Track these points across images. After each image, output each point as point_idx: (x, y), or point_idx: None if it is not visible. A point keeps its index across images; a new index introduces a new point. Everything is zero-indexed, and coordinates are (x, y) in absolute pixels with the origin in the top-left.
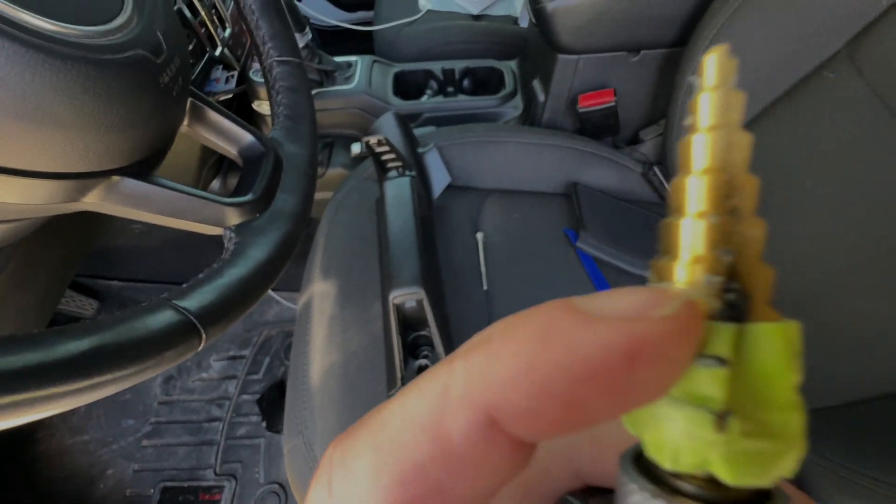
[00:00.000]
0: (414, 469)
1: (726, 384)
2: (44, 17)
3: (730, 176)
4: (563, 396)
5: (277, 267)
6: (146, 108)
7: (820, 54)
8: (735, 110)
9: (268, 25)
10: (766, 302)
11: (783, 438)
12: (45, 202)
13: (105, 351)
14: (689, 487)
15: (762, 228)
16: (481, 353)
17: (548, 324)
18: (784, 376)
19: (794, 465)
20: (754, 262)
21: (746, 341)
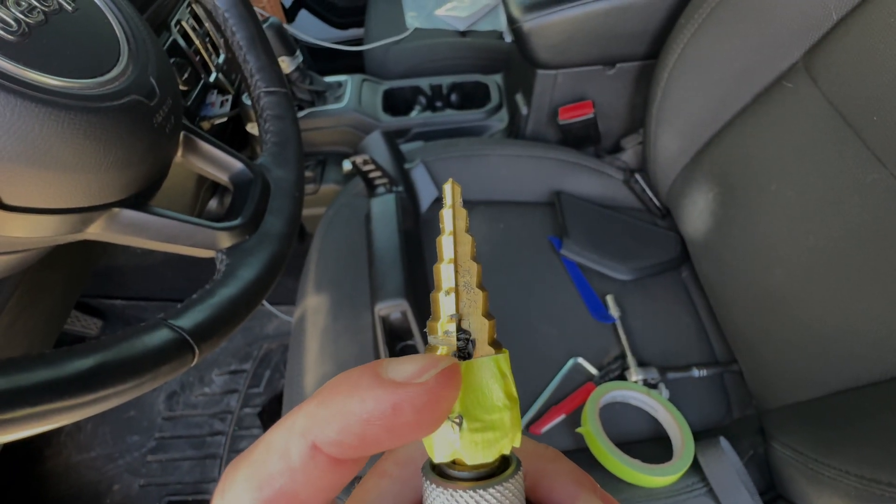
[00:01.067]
0: (268, 478)
1: (458, 399)
2: (49, 74)
3: (461, 262)
4: (357, 432)
5: (266, 285)
6: (142, 146)
7: (779, 66)
8: (462, 220)
9: (254, 59)
10: (489, 342)
11: (498, 429)
12: (52, 234)
13: (107, 367)
14: (454, 472)
15: (483, 295)
16: (314, 401)
17: (357, 382)
18: (495, 390)
19: (508, 444)
20: (478, 317)
21: (472, 370)
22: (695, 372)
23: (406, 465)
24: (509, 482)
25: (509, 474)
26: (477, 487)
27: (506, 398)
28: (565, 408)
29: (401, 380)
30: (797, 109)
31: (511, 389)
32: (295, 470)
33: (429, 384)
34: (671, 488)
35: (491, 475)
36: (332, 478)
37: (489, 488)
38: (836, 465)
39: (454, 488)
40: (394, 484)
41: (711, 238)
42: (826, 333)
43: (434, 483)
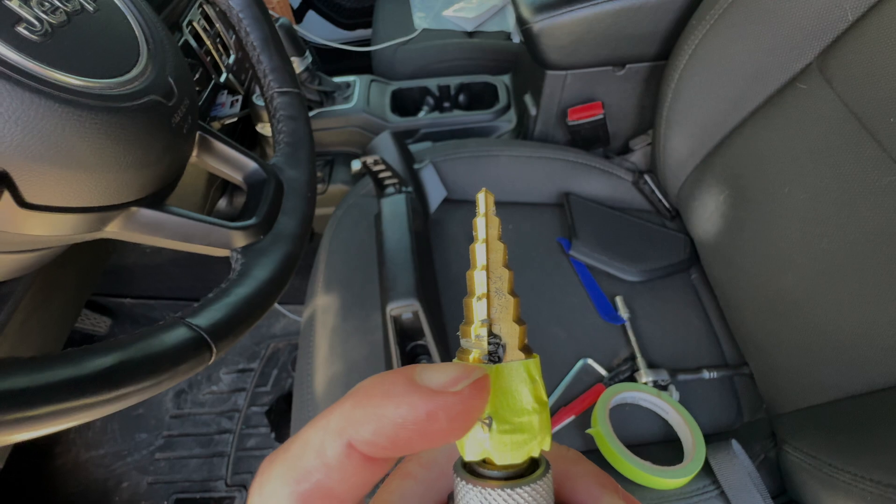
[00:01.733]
0: (305, 473)
1: (489, 402)
2: (71, 73)
3: (493, 269)
4: (390, 434)
5: (280, 285)
6: (160, 146)
7: (792, 67)
8: (495, 228)
9: (268, 60)
10: (519, 346)
11: (527, 432)
12: (71, 233)
13: (127, 365)
14: (485, 471)
15: (514, 301)
16: (349, 402)
17: (390, 387)
18: (524, 393)
19: (537, 447)
20: (509, 323)
21: (502, 374)
22: (705, 374)
23: (430, 467)
24: (539, 483)
25: (539, 475)
26: (508, 487)
27: (535, 402)
28: (575, 409)
29: (436, 387)
30: (811, 111)
31: (540, 393)
32: (330, 466)
33: (463, 393)
34: (682, 490)
35: (521, 475)
36: (365, 475)
37: (519, 488)
38: (851, 470)
39: (485, 486)
40: (418, 485)
41: (722, 240)
42: (840, 337)
43: (466, 481)
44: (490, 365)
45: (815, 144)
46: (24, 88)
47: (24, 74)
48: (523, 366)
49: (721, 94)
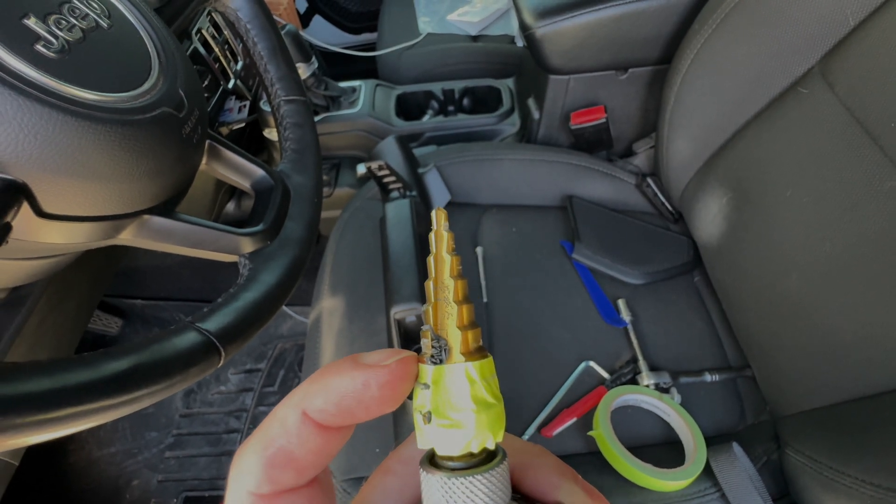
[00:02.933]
0: (270, 440)
1: (429, 398)
2: (86, 89)
3: (440, 281)
4: (336, 402)
5: (287, 289)
6: (172, 156)
7: (794, 71)
8: (443, 242)
9: (275, 69)
10: (463, 350)
11: (464, 427)
12: (86, 240)
13: (141, 369)
14: (445, 463)
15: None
16: (308, 381)
17: (338, 366)
18: (461, 393)
19: (475, 441)
20: (452, 329)
21: (443, 374)
22: (707, 377)
23: (408, 463)
24: (492, 471)
25: (493, 465)
26: (463, 475)
27: (473, 401)
28: (577, 411)
29: (370, 363)
30: (813, 115)
31: (479, 394)
32: (290, 433)
33: (390, 367)
34: (683, 492)
35: (475, 465)
36: (320, 441)
37: (473, 476)
38: (853, 474)
39: (444, 475)
40: (397, 479)
41: (725, 243)
42: (843, 340)
43: (427, 471)
44: (431, 366)
45: (818, 148)
46: (43, 104)
47: (42, 91)
48: (463, 368)
49: (723, 98)
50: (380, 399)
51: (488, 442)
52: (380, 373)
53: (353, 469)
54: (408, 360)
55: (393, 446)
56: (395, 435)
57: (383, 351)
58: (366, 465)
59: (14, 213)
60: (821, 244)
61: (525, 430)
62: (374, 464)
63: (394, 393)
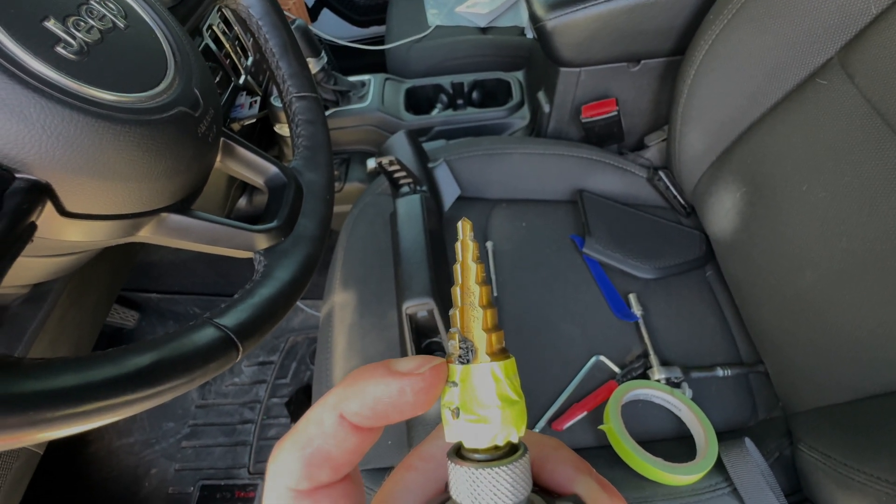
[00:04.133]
0: (308, 440)
1: (458, 395)
2: (105, 89)
3: (466, 287)
4: (371, 406)
5: (301, 285)
6: (188, 155)
7: (812, 62)
8: (469, 251)
9: (287, 65)
10: (489, 351)
11: (489, 422)
12: (106, 238)
13: (162, 364)
14: (471, 455)
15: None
16: (342, 384)
17: (373, 372)
18: (487, 391)
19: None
20: (478, 331)
21: (470, 374)
22: (719, 372)
23: (429, 459)
24: (515, 464)
25: (516, 458)
26: (488, 466)
27: (498, 398)
28: (587, 405)
29: (404, 371)
30: (831, 107)
31: (504, 392)
32: (327, 434)
33: (424, 375)
34: (694, 487)
35: (499, 458)
36: (355, 441)
37: (498, 468)
38: (867, 471)
39: (470, 466)
40: (419, 475)
41: (738, 238)
42: (859, 337)
43: (455, 463)
44: (459, 366)
45: (836, 141)
46: (64, 105)
47: (63, 92)
48: (489, 368)
49: (738, 90)
50: (413, 404)
51: (512, 436)
52: (415, 380)
53: (367, 461)
54: (440, 368)
55: (404, 438)
56: (408, 428)
57: (415, 358)
58: (379, 456)
59: (39, 212)
60: (837, 240)
61: (536, 423)
62: (387, 455)
63: (427, 398)
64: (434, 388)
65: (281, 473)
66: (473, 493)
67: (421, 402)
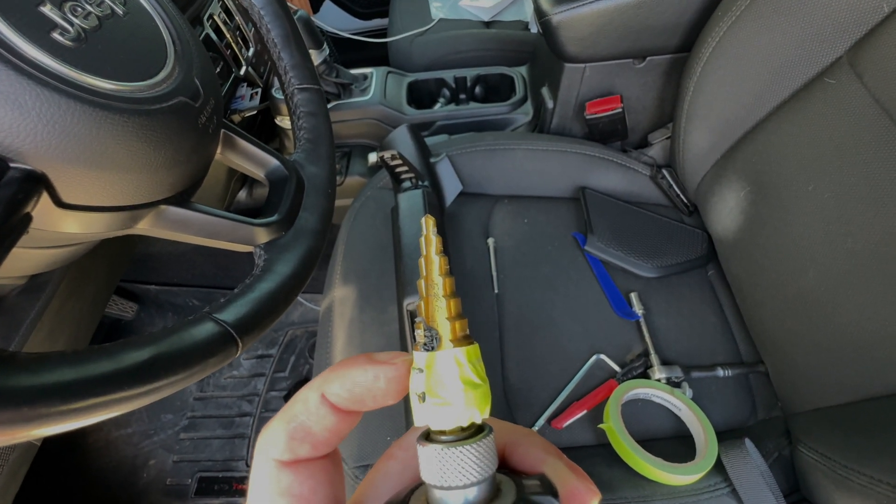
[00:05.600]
0: (293, 416)
1: (423, 381)
2: (103, 78)
3: (430, 279)
4: (349, 388)
5: (302, 280)
6: (188, 146)
7: (821, 61)
8: (432, 245)
9: (289, 56)
10: (452, 338)
11: (453, 405)
12: (104, 230)
13: (161, 359)
14: (438, 437)
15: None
16: (330, 368)
17: (355, 360)
18: (451, 375)
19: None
20: (441, 320)
21: (434, 360)
22: (719, 372)
23: (408, 449)
24: (480, 442)
25: (481, 437)
26: (454, 446)
27: (461, 381)
28: (587, 404)
29: (381, 360)
30: (839, 107)
31: (466, 375)
32: (310, 412)
33: (397, 364)
34: (693, 487)
35: (465, 438)
36: (333, 420)
37: (465, 446)
38: (868, 473)
39: (438, 446)
40: (397, 463)
41: (741, 237)
42: (862, 338)
43: (422, 444)
44: (424, 353)
45: (843, 141)
46: (61, 94)
47: (59, 80)
48: (451, 354)
49: (745, 88)
50: (385, 391)
51: (475, 417)
52: (388, 369)
53: (366, 456)
54: (403, 363)
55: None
56: (406, 426)
57: (393, 353)
58: (377, 452)
59: (34, 203)
60: (842, 240)
61: (535, 421)
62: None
63: (398, 386)
64: (404, 378)
65: (268, 444)
66: (441, 472)
67: (392, 391)
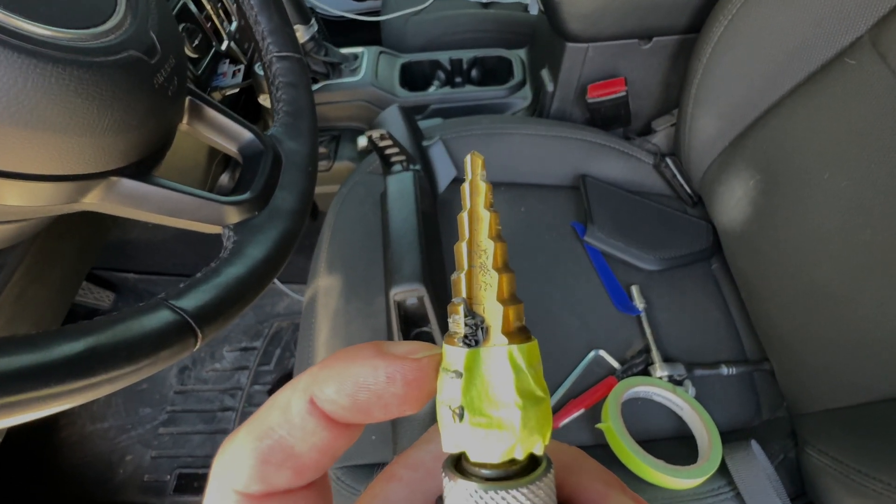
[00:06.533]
0: (268, 430)
1: (461, 390)
2: (36, 21)
3: (476, 242)
4: (350, 394)
5: (276, 265)
6: (141, 109)
7: (840, 41)
8: (480, 195)
9: (266, 20)
10: (505, 330)
11: (505, 428)
12: (45, 203)
13: (100, 351)
14: (475, 469)
15: (502, 278)
16: (318, 365)
17: (358, 352)
18: (504, 384)
19: (523, 448)
20: (492, 302)
21: (480, 360)
22: (723, 369)
23: (416, 468)
24: (538, 483)
25: (538, 475)
26: (500, 487)
27: (517, 394)
28: (585, 402)
29: (399, 354)
30: (860, 89)
31: (528, 385)
32: (293, 424)
33: (421, 362)
34: (695, 491)
35: (516, 475)
36: (326, 437)
37: (516, 489)
38: (884, 479)
39: (477, 485)
40: (403, 488)
41: (749, 229)
42: (877, 336)
43: (452, 478)
44: (464, 349)
45: (863, 126)
46: None
47: None
48: (506, 352)
49: (757, 71)
50: (403, 398)
51: (535, 447)
52: (408, 367)
53: (348, 456)
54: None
55: (390, 434)
56: (393, 424)
57: (413, 343)
58: (361, 452)
59: None
60: (860, 231)
61: None
62: (370, 452)
63: (420, 393)
64: (430, 381)
65: (229, 469)
66: None
67: (412, 398)
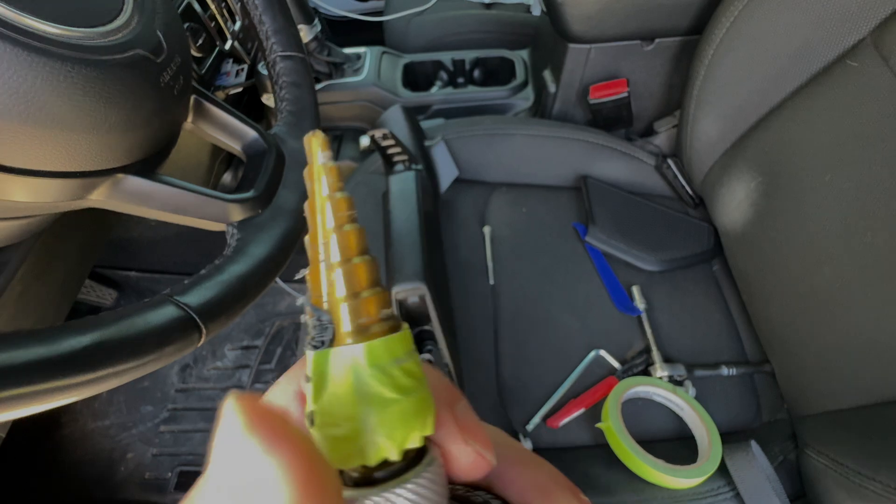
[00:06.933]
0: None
1: (311, 394)
2: (45, 20)
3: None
4: None
5: (278, 263)
6: (147, 107)
7: (842, 43)
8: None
9: (271, 20)
10: (353, 328)
11: (348, 435)
12: (52, 200)
13: (106, 346)
14: (350, 473)
15: (345, 269)
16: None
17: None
18: (348, 385)
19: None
20: (333, 300)
21: (324, 361)
22: (724, 370)
23: None
24: (410, 484)
25: (411, 476)
26: (370, 493)
27: (358, 399)
28: (585, 401)
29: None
30: (862, 91)
31: (372, 388)
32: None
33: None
34: (695, 491)
35: (394, 474)
36: None
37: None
38: (884, 481)
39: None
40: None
41: (751, 231)
42: (879, 338)
43: None
44: (311, 352)
45: (865, 128)
46: None
47: None
48: (348, 352)
49: (760, 72)
50: None
51: (390, 453)
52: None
53: None
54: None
55: None
56: None
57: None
58: None
59: None
60: (861, 234)
61: (530, 420)
62: None
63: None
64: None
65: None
66: None
67: None
